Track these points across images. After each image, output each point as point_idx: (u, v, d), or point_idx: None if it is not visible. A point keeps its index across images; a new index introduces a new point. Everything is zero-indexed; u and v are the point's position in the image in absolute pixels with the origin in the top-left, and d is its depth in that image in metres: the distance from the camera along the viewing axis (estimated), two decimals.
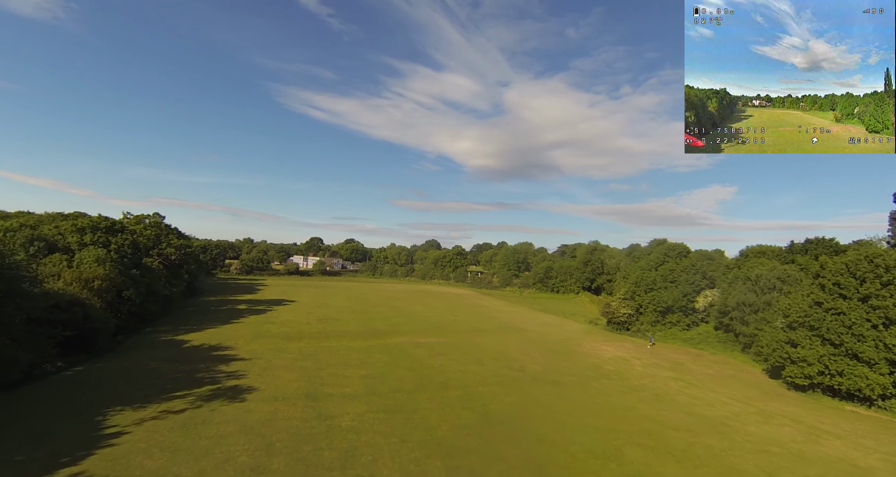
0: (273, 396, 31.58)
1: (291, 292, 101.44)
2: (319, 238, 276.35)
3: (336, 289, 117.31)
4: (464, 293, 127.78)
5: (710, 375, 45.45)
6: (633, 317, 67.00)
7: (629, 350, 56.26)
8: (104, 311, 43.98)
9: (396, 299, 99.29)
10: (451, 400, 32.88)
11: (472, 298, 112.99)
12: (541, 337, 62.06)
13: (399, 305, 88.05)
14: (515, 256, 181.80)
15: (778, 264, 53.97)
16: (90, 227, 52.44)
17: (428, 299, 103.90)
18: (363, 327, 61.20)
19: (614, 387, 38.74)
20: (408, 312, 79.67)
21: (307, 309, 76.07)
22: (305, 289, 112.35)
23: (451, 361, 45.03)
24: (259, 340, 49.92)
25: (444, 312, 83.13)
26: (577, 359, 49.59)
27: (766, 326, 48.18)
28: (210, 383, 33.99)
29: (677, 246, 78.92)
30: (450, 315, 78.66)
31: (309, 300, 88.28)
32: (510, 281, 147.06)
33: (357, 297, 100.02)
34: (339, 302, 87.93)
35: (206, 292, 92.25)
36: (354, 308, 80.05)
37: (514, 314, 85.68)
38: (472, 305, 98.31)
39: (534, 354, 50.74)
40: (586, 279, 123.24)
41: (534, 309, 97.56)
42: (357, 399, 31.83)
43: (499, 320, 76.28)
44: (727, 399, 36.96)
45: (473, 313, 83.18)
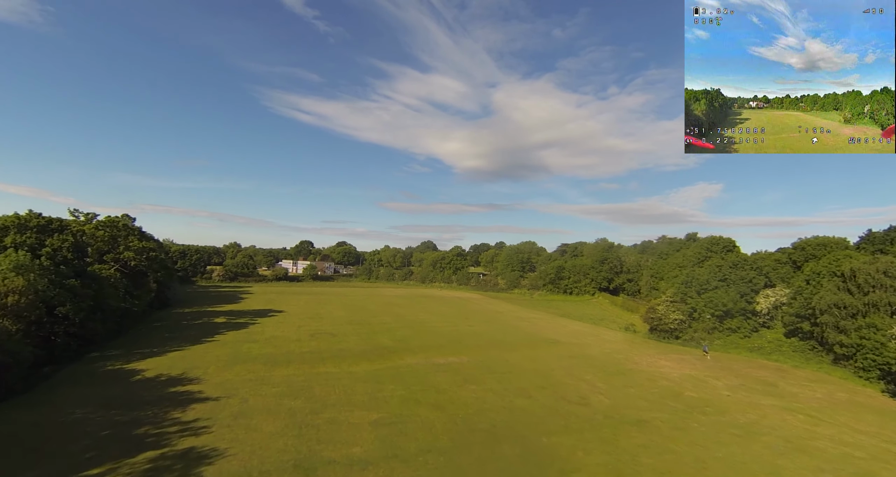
0: (245, 469, 20.70)
1: (279, 301, 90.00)
2: (310, 242, 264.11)
3: (329, 296, 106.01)
4: (470, 297, 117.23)
5: (821, 400, 35.37)
6: (685, 323, 56.97)
7: (694, 365, 46.13)
8: (20, 336, 32.63)
9: (398, 306, 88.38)
10: (512, 466, 22.28)
11: (482, 303, 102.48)
12: (581, 351, 51.71)
13: (403, 314, 77.18)
14: (519, 256, 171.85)
15: (882, 256, 44.26)
16: (16, 226, 40.89)
17: (433, 305, 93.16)
18: (366, 344, 50.32)
19: (720, 428, 28.42)
20: (415, 322, 68.87)
21: (297, 321, 64.90)
22: (295, 296, 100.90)
23: (487, 391, 34.43)
24: (235, 367, 38.86)
25: (456, 320, 72.47)
26: (641, 381, 39.29)
27: (877, 333, 38.31)
28: (153, 446, 23.03)
29: (721, 240, 69.24)
30: (464, 324, 68.01)
31: (299, 310, 77.03)
32: (517, 282, 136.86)
33: (354, 304, 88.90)
34: (333, 311, 76.80)
35: (179, 303, 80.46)
36: (352, 319, 69.02)
37: (536, 322, 75.29)
38: (484, 310, 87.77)
39: (586, 375, 40.32)
40: (603, 279, 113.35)
41: (553, 313, 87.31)
42: (372, 469, 21.10)
43: (522, 330, 65.83)
44: (885, 443, 26.84)
45: (490, 321, 72.62)
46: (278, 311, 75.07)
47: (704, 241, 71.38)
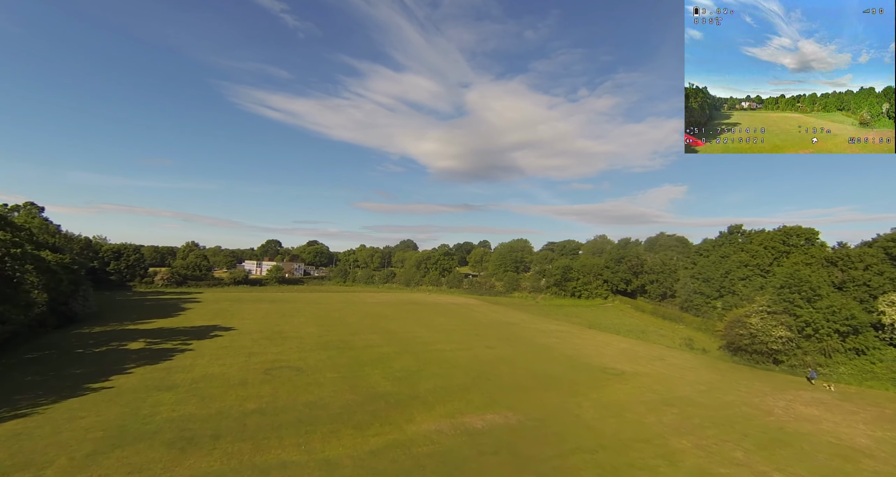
0: None
1: (232, 312, 70.41)
2: (277, 241, 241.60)
3: (297, 303, 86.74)
4: (467, 303, 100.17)
5: None
6: (793, 342, 41.65)
7: (855, 414, 30.65)
8: None
9: (386, 318, 70.38)
10: None
11: (485, 310, 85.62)
12: (669, 390, 35.49)
13: (394, 330, 59.36)
14: (512, 255, 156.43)
15: None
16: None
17: (429, 315, 75.59)
18: (350, 390, 32.49)
19: None
20: (413, 342, 51.30)
21: (249, 345, 46.25)
22: (254, 305, 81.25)
23: None
24: (111, 456, 20.59)
25: (467, 337, 55.32)
26: (814, 456, 23.23)
27: None
28: None
29: (800, 230, 54.61)
30: (479, 345, 50.92)
31: (255, 326, 58.04)
32: (516, 284, 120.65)
33: (328, 316, 70.29)
34: (302, 328, 58.21)
35: (92, 319, 59.93)
36: (327, 340, 50.80)
37: (565, 337, 58.99)
38: (494, 322, 70.90)
39: (731, 451, 23.90)
40: (620, 281, 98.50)
41: (575, 323, 71.41)
42: None
43: (558, 351, 49.29)
44: None
45: (510, 339, 55.77)
46: (226, 328, 55.89)
47: (775, 233, 56.89)
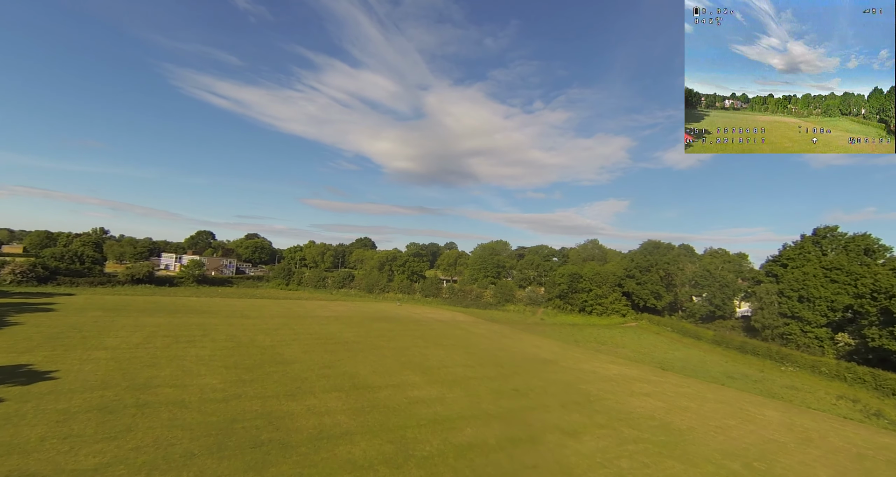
0: None
1: (86, 334, 41.10)
2: (210, 232, 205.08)
3: (213, 317, 58.13)
4: (454, 318, 75.23)
5: None
6: None
7: None
8: None
9: (349, 349, 44.18)
10: None
11: (485, 332, 61.22)
12: None
13: (367, 377, 33.51)
14: (493, 259, 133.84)
15: None
16: None
17: (415, 342, 50.08)
18: None
19: None
20: (413, 420, 25.89)
21: (35, 443, 18.74)
22: (138, 319, 51.89)
23: None
24: None
25: (509, 404, 30.66)
26: None
27: None
28: None
29: None
30: (551, 431, 26.46)
31: (100, 371, 29.75)
32: (510, 295, 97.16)
33: (251, 344, 43.00)
34: (194, 372, 30.91)
35: None
36: (236, 412, 24.09)
37: (673, 398, 35.93)
38: (518, 357, 46.73)
39: None
40: (650, 294, 77.51)
41: (631, 358, 48.84)
42: None
43: (690, 440, 25.83)
44: None
45: (587, 408, 31.67)
46: (39, 374, 27.40)
47: None
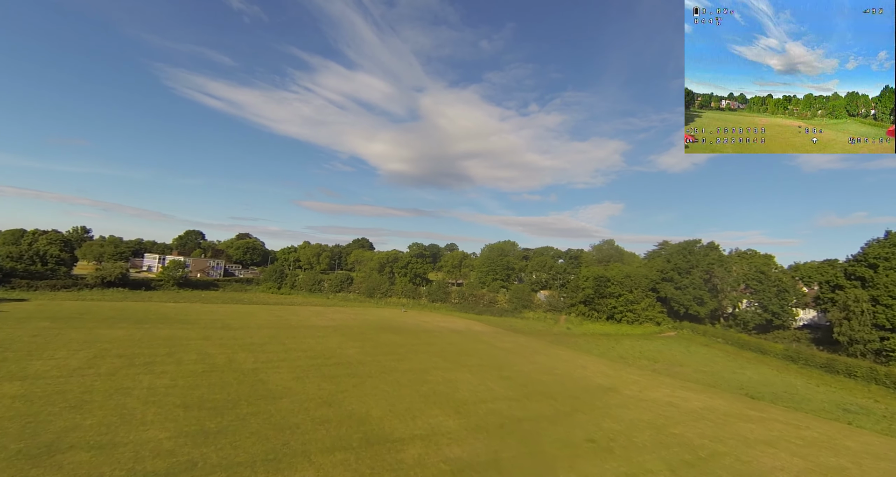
0: None
1: (12, 357, 31.44)
2: (200, 232, 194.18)
3: (189, 328, 48.36)
4: (470, 328, 65.67)
5: None
6: None
7: None
8: None
9: (354, 372, 34.66)
10: None
11: (512, 346, 51.80)
12: None
13: (379, 421, 24.03)
14: (502, 261, 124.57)
15: None
16: None
17: (434, 363, 40.60)
18: None
19: None
20: None
21: None
22: (93, 332, 41.97)
23: None
24: None
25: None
26: None
27: None
28: None
29: None
30: None
31: None
32: (528, 301, 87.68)
33: (227, 369, 33.33)
34: (132, 423, 21.29)
35: None
36: None
37: (761, 430, 26.65)
38: (570, 383, 37.42)
39: None
40: (693, 300, 68.27)
41: (708, 385, 39.66)
42: None
43: None
44: None
45: (690, 466, 22.28)
46: None
47: None
